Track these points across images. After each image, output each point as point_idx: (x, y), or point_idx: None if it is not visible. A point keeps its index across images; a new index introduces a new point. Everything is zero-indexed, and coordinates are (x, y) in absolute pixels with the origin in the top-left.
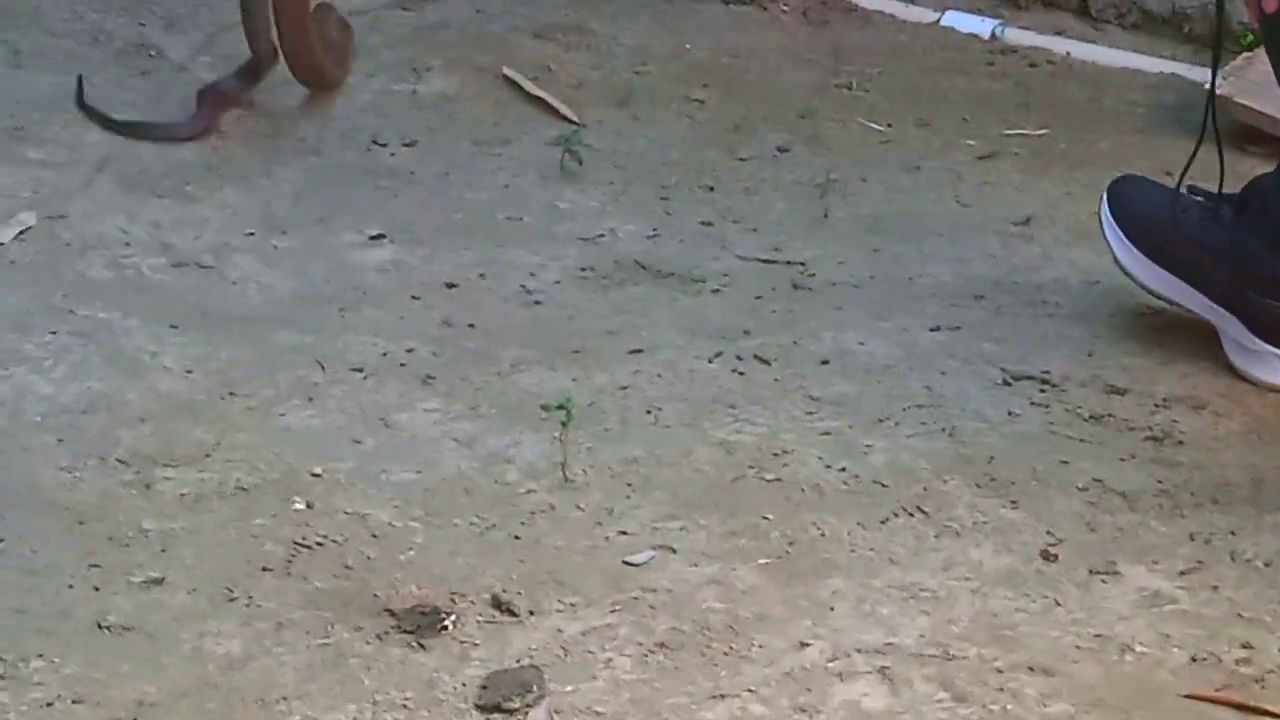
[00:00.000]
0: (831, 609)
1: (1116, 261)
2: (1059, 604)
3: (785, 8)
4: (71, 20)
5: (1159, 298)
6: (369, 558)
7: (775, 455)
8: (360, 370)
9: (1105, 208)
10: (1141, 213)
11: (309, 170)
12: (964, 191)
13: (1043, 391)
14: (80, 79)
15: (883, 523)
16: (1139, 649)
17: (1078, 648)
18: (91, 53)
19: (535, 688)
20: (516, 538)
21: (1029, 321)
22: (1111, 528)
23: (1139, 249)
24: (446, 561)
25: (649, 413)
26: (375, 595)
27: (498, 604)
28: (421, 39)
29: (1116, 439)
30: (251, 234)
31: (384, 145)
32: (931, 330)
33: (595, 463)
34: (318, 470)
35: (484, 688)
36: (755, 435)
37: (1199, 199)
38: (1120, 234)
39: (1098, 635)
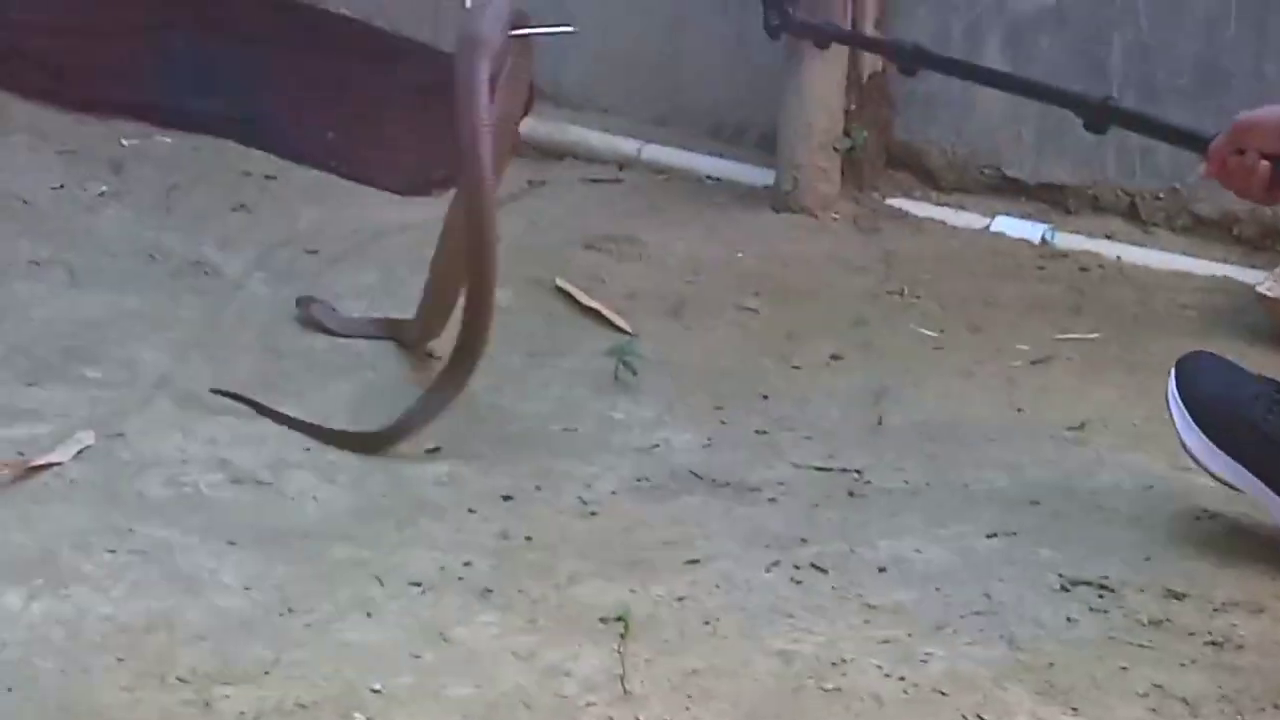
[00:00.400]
0: None
1: (1180, 440)
2: None
3: (836, 216)
4: (127, 239)
5: (1218, 480)
6: None
7: (834, 664)
8: (418, 584)
9: (1172, 384)
10: (1208, 393)
11: (365, 385)
12: (1018, 397)
13: (1101, 597)
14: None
15: None
16: None
17: None
18: (147, 271)
19: None
20: None
21: (1086, 527)
22: None
23: (1203, 430)
24: None
25: (707, 623)
26: None
27: None
28: None
29: (1176, 644)
30: (308, 449)
31: (438, 359)
32: (988, 537)
33: (654, 674)
34: (377, 686)
35: None
36: (814, 645)
37: (1268, 388)
38: (1185, 414)
39: None
